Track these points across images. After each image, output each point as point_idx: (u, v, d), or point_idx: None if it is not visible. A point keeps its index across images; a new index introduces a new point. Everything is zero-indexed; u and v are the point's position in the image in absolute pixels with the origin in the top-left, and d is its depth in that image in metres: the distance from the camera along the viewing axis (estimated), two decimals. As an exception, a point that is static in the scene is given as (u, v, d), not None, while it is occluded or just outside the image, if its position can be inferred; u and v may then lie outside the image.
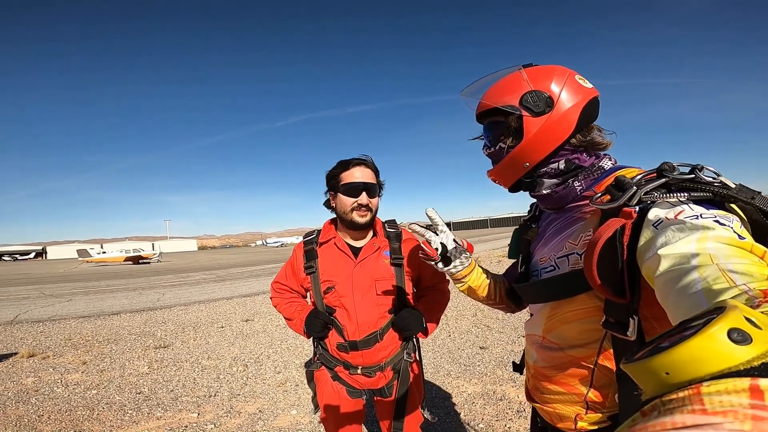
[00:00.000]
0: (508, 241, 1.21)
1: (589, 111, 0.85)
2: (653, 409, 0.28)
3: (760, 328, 0.30)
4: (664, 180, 0.67)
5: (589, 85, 0.87)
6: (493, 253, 16.62)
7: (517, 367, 1.21)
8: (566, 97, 0.84)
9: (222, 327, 6.04)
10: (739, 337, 0.29)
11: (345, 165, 1.48)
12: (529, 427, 2.51)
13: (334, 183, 1.49)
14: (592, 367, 0.82)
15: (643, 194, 0.67)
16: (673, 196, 0.64)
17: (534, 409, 1.04)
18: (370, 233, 1.57)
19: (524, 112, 0.85)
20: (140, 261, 33.61)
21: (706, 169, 0.67)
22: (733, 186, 0.63)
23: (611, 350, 0.78)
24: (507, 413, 2.75)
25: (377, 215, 1.56)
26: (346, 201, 1.45)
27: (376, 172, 1.53)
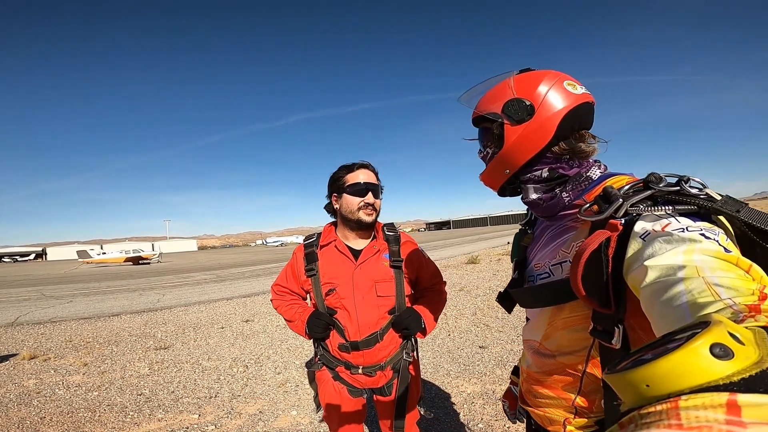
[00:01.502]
0: (508, 239, 1.22)
1: (574, 118, 0.84)
2: (630, 422, 0.29)
3: (743, 344, 0.30)
4: (649, 192, 0.67)
5: (580, 91, 0.86)
6: (493, 251, 16.64)
7: (516, 371, 1.23)
8: (547, 105, 0.83)
9: (222, 328, 6.05)
10: (721, 352, 0.29)
11: (349, 168, 1.54)
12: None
13: (339, 185, 1.53)
14: (581, 374, 0.84)
15: (629, 206, 0.67)
16: (660, 209, 0.65)
17: (528, 413, 1.06)
18: (370, 236, 1.60)
19: (505, 120, 0.86)
20: (140, 261, 33.61)
21: (693, 180, 0.67)
22: (719, 198, 0.64)
23: (599, 358, 0.80)
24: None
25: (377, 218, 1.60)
26: (352, 201, 1.49)
27: (378, 177, 1.59)
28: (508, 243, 19.53)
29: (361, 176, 1.51)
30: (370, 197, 1.50)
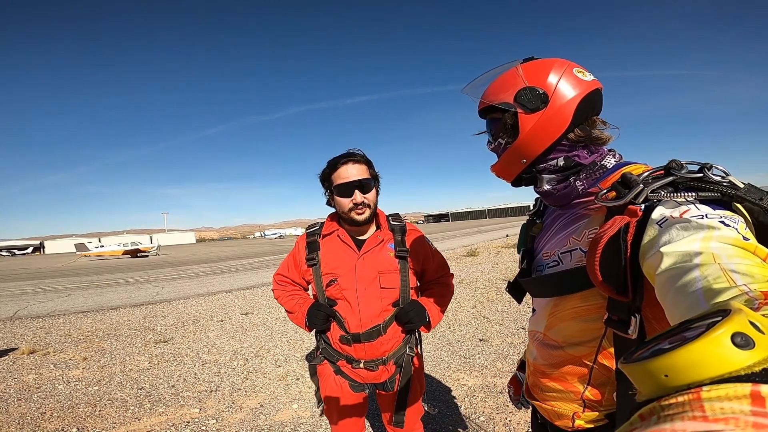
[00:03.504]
0: (507, 231, 1.20)
1: (588, 105, 0.84)
2: (652, 413, 0.28)
3: (764, 333, 0.29)
4: (671, 178, 0.66)
5: (590, 78, 0.85)
6: (492, 244, 16.67)
7: (523, 366, 1.21)
8: (561, 93, 0.82)
9: (222, 320, 6.06)
10: (742, 341, 0.28)
11: (334, 165, 1.45)
12: (529, 420, 2.54)
13: (327, 185, 1.48)
14: (591, 365, 0.82)
15: (650, 192, 0.66)
16: (680, 195, 0.63)
17: (534, 407, 1.04)
18: (374, 226, 1.55)
19: (519, 109, 0.85)
20: (138, 254, 33.57)
21: (715, 167, 0.66)
22: (742, 186, 0.62)
23: (611, 349, 0.78)
24: (507, 406, 2.77)
25: (378, 207, 1.55)
26: (341, 202, 1.44)
27: (369, 165, 1.49)
28: (507, 236, 19.62)
29: (347, 172, 1.43)
30: (357, 196, 1.42)
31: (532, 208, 1.12)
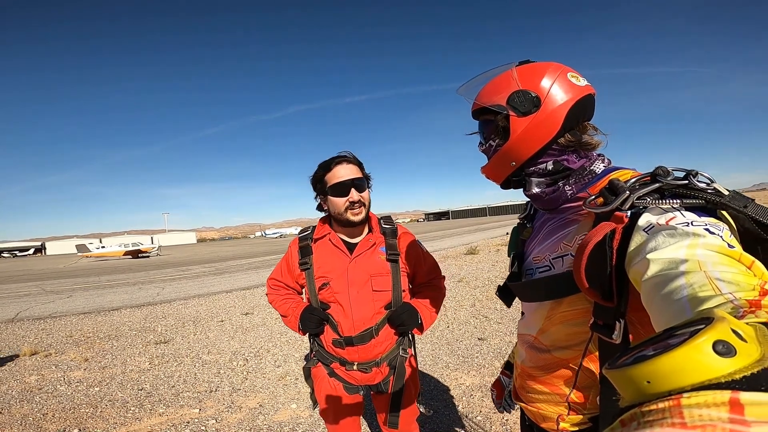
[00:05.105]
0: (507, 229, 1.21)
1: (580, 110, 0.84)
2: (632, 419, 0.28)
3: (746, 341, 0.29)
4: (657, 185, 0.67)
5: (583, 83, 0.86)
6: (492, 242, 16.67)
7: (509, 366, 1.23)
8: (554, 97, 0.83)
9: (222, 321, 6.08)
10: (723, 349, 0.28)
11: (327, 166, 1.47)
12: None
13: (320, 187, 1.48)
14: (577, 368, 0.83)
15: (636, 199, 0.67)
16: (666, 202, 0.64)
17: (522, 409, 1.06)
18: (366, 229, 1.56)
19: (511, 112, 0.85)
20: (139, 255, 33.60)
21: (701, 174, 0.67)
22: (727, 193, 0.63)
23: (596, 353, 0.79)
24: (504, 404, 2.79)
25: (370, 210, 1.55)
26: (337, 202, 1.44)
27: (360, 166, 1.51)
28: (507, 233, 19.52)
29: (341, 172, 1.44)
30: (353, 195, 1.43)
31: (523, 211, 1.13)
